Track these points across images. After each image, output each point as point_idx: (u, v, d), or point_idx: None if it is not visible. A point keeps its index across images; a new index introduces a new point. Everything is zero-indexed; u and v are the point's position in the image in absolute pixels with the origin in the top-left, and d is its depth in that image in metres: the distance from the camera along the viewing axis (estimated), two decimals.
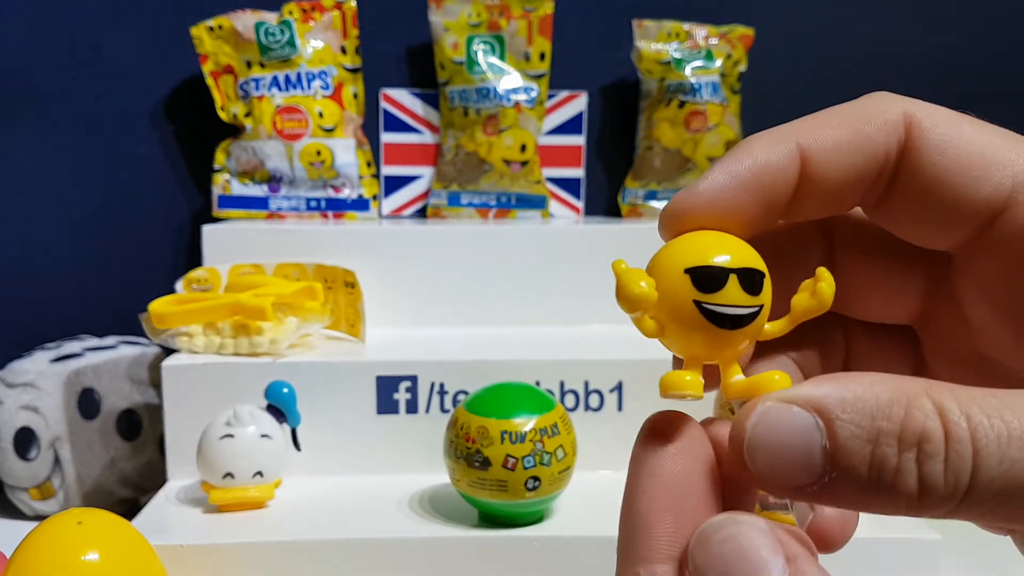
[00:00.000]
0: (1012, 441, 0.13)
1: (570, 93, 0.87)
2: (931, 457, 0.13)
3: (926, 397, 0.13)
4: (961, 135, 0.16)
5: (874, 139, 0.16)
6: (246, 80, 0.80)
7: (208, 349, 0.66)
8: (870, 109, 0.17)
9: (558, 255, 0.78)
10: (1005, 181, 0.16)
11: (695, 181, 0.17)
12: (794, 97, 0.91)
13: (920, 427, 0.13)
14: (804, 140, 0.17)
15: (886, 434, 0.13)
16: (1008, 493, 0.13)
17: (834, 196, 0.17)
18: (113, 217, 0.86)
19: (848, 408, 0.13)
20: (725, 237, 0.16)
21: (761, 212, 0.17)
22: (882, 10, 0.91)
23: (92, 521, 0.46)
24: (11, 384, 0.66)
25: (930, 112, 0.17)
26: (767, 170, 0.17)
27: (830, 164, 0.17)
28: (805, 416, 0.14)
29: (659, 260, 0.16)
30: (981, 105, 0.84)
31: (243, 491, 0.58)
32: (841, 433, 0.13)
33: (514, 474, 0.53)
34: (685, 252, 0.16)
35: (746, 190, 0.17)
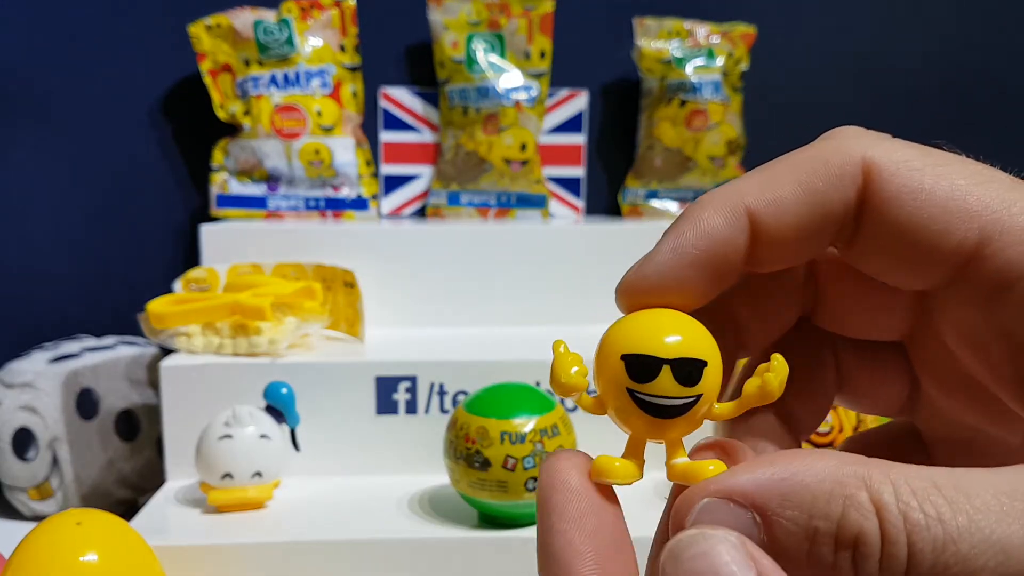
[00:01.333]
0: (947, 546, 0.13)
1: (570, 92, 0.87)
2: (867, 559, 0.13)
3: (865, 491, 0.13)
4: (923, 185, 0.15)
5: (829, 196, 0.16)
6: (244, 79, 0.80)
7: (207, 349, 0.65)
8: (824, 159, 0.16)
9: (558, 255, 0.78)
10: (971, 234, 0.15)
11: (645, 256, 0.17)
12: (795, 96, 0.91)
13: (856, 528, 0.13)
14: (753, 203, 0.16)
15: (823, 533, 0.13)
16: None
17: (791, 252, 0.17)
18: (111, 217, 0.86)
19: (785, 504, 0.13)
20: (672, 319, 0.16)
21: (711, 284, 0.16)
22: (883, 9, 0.91)
23: (91, 522, 0.45)
24: (9, 384, 0.66)
25: (891, 156, 0.16)
26: (714, 242, 0.16)
27: (782, 225, 0.16)
28: (742, 514, 0.14)
29: (604, 340, 0.16)
30: (981, 104, 0.84)
31: (242, 491, 0.57)
32: (778, 532, 0.13)
33: (514, 475, 0.53)
34: (624, 336, 0.16)
35: (694, 266, 0.16)
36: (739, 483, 0.14)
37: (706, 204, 0.16)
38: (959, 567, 0.13)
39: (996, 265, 0.15)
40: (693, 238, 0.16)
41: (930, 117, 0.92)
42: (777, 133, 0.91)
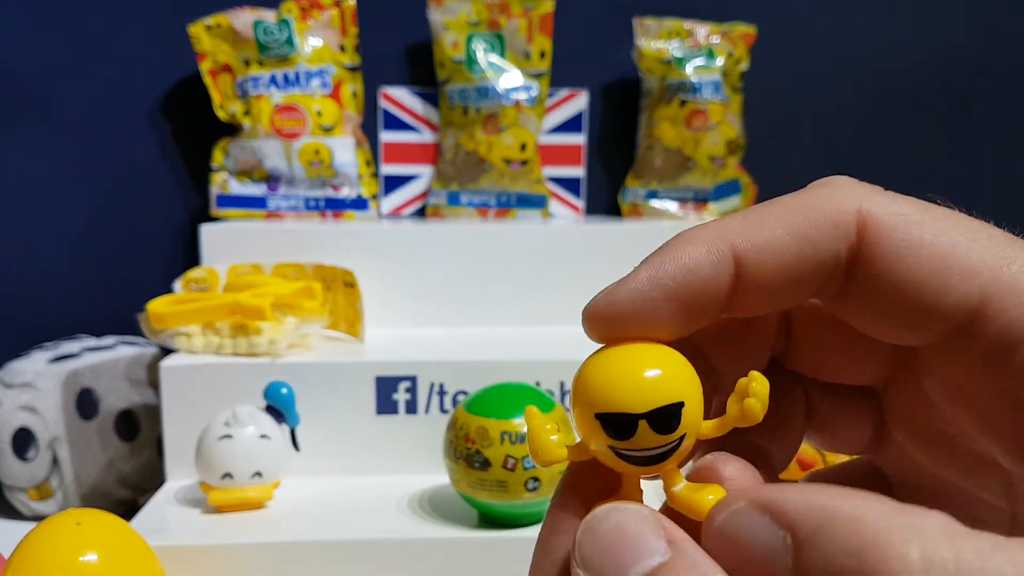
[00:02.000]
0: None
1: (570, 91, 0.87)
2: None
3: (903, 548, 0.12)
4: (923, 238, 0.15)
5: (821, 245, 0.15)
6: (244, 79, 0.80)
7: (207, 349, 0.65)
8: (818, 208, 0.15)
9: (558, 255, 0.78)
10: (972, 292, 0.15)
11: (618, 282, 0.16)
12: (796, 96, 0.91)
13: None
14: (739, 244, 0.15)
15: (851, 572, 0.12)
16: None
17: (775, 298, 0.16)
18: (111, 217, 0.85)
19: (820, 535, 0.12)
20: (642, 359, 0.15)
21: (686, 321, 0.16)
22: (883, 9, 0.91)
23: (90, 522, 0.45)
24: (9, 384, 0.66)
25: (887, 209, 0.15)
26: (695, 278, 0.15)
27: (769, 270, 0.15)
28: (776, 531, 0.13)
29: (577, 392, 0.16)
30: (980, 105, 0.84)
31: (242, 492, 0.57)
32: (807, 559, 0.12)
33: (514, 475, 0.53)
34: (597, 390, 0.15)
35: (670, 299, 0.15)
36: (781, 498, 0.13)
37: (690, 239, 0.16)
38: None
39: (997, 326, 0.15)
40: (673, 270, 0.15)
41: (930, 117, 0.92)
42: (777, 133, 0.91)
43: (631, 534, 0.13)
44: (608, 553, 0.13)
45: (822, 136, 0.92)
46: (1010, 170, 0.94)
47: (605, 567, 0.13)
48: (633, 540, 0.13)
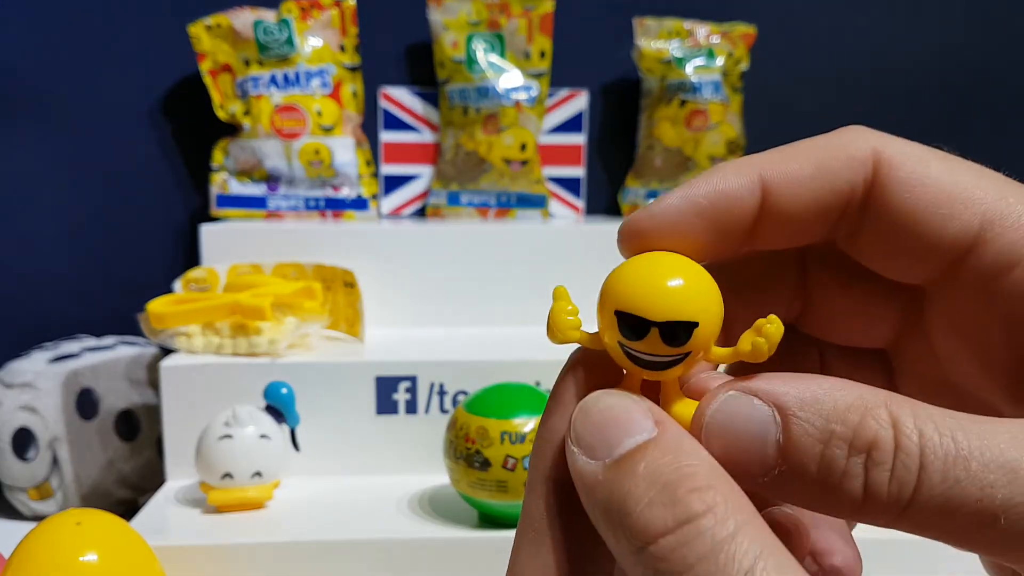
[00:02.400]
0: (958, 461, 0.13)
1: (570, 91, 0.87)
2: (878, 464, 0.14)
3: (884, 408, 0.14)
4: (929, 173, 0.16)
5: (839, 174, 0.17)
6: (244, 79, 0.80)
7: (207, 349, 0.65)
8: (838, 144, 0.17)
9: (558, 255, 0.78)
10: (973, 219, 0.16)
11: (653, 201, 0.17)
12: (796, 96, 0.91)
13: (872, 435, 0.14)
14: (767, 171, 0.17)
15: (838, 437, 0.14)
16: (948, 510, 0.13)
17: (797, 229, 0.17)
18: (111, 217, 0.86)
19: (806, 407, 0.14)
20: (670, 269, 0.16)
21: (716, 239, 0.17)
22: (883, 9, 0.91)
23: (91, 522, 0.45)
24: (9, 384, 0.66)
25: (899, 149, 0.17)
26: (725, 198, 0.17)
27: (792, 196, 0.17)
28: (764, 408, 0.14)
29: (605, 285, 0.16)
30: (980, 105, 0.83)
31: (242, 492, 0.57)
32: (795, 430, 0.14)
33: (514, 475, 0.53)
34: (621, 288, 0.16)
35: (701, 215, 0.17)
36: (765, 384, 0.15)
37: (723, 166, 0.17)
38: (968, 482, 0.13)
39: (996, 248, 0.16)
40: (705, 190, 0.17)
41: (929, 117, 0.92)
42: (777, 133, 0.91)
43: (621, 414, 0.15)
44: (599, 430, 0.15)
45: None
46: (1011, 171, 0.94)
47: (596, 443, 0.15)
48: (623, 419, 0.14)
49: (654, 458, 0.14)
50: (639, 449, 0.14)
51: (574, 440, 0.15)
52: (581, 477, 0.15)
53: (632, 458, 0.14)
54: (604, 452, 0.14)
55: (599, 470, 0.14)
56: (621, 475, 0.14)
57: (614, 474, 0.14)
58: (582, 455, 0.15)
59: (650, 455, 0.14)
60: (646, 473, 0.14)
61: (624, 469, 0.14)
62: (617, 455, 0.14)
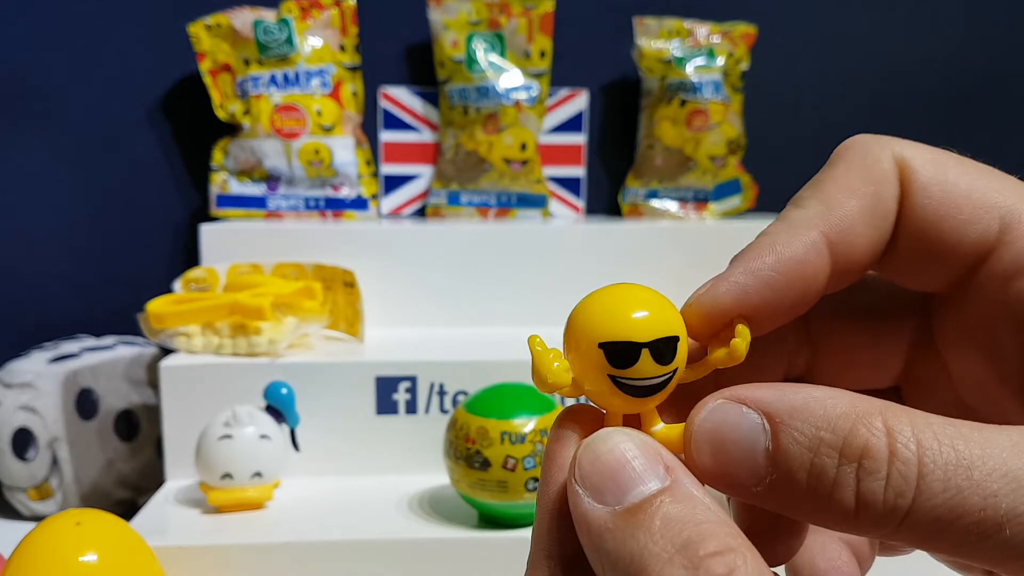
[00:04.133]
0: (959, 470, 0.13)
1: (571, 91, 0.87)
2: (871, 474, 0.13)
3: (878, 416, 0.13)
4: (947, 178, 0.16)
5: (886, 198, 0.16)
6: (244, 78, 0.80)
7: (206, 349, 0.65)
8: (869, 163, 0.16)
9: (558, 255, 0.78)
10: (992, 223, 0.16)
11: (711, 283, 0.16)
12: (796, 95, 0.91)
13: (863, 442, 0.13)
14: (828, 227, 0.16)
15: (827, 445, 0.13)
16: (949, 521, 0.13)
17: (865, 267, 0.17)
18: (111, 216, 0.85)
19: (796, 415, 0.14)
20: (637, 296, 0.16)
21: (791, 305, 0.16)
22: (884, 9, 0.91)
23: (90, 522, 0.45)
24: (9, 384, 0.66)
25: (916, 152, 0.16)
26: (795, 265, 0.16)
27: (858, 241, 0.16)
28: (752, 416, 0.14)
29: (576, 325, 0.16)
30: (980, 105, 0.83)
31: (242, 492, 0.57)
32: (784, 438, 0.14)
33: (514, 475, 0.53)
34: (599, 322, 0.16)
35: (770, 287, 0.16)
36: (753, 392, 0.14)
37: (772, 233, 0.16)
38: (971, 491, 0.13)
39: (1015, 251, 0.16)
40: (772, 261, 0.16)
41: (929, 117, 0.92)
42: (777, 133, 0.91)
43: (632, 457, 0.14)
44: (608, 473, 0.14)
45: (822, 136, 0.92)
46: (1012, 171, 0.94)
47: (604, 486, 0.14)
48: (633, 464, 0.14)
49: (670, 513, 0.13)
50: (653, 500, 0.13)
51: (579, 480, 0.14)
52: (587, 521, 0.14)
53: (646, 510, 0.13)
54: (613, 498, 0.14)
55: (608, 517, 0.14)
56: (635, 527, 0.13)
57: (626, 524, 0.13)
58: (588, 497, 0.14)
59: (666, 508, 0.13)
60: (663, 529, 0.13)
61: (639, 521, 0.13)
62: (629, 503, 0.14)
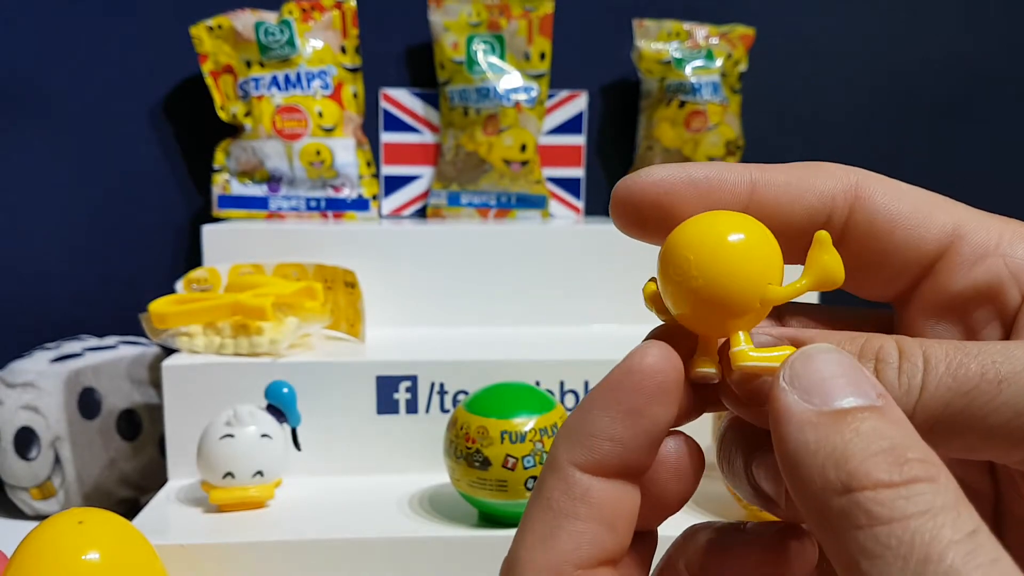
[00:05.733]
0: (959, 350, 0.15)
1: (570, 93, 0.87)
2: (886, 364, 0.16)
3: (886, 336, 0.16)
4: (902, 191, 0.18)
5: (823, 183, 0.18)
6: (246, 80, 0.80)
7: (208, 349, 0.66)
8: (819, 166, 0.18)
9: (558, 255, 0.78)
10: (947, 223, 0.17)
11: (648, 168, 0.18)
12: (795, 97, 0.91)
13: (877, 346, 0.16)
14: (758, 174, 0.18)
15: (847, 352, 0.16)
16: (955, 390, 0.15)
17: (781, 239, 0.18)
18: (113, 217, 0.86)
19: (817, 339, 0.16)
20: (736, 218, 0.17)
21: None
22: (882, 10, 0.91)
23: (92, 521, 0.46)
24: (11, 384, 0.66)
25: (874, 175, 0.18)
26: (720, 180, 0.18)
27: (779, 198, 0.18)
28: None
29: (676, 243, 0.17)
30: (980, 107, 0.83)
31: (243, 491, 0.58)
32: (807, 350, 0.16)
33: (514, 474, 0.53)
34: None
35: (696, 191, 0.17)
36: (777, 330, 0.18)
37: (713, 162, 0.18)
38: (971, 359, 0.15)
39: (974, 242, 0.17)
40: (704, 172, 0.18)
41: (929, 118, 0.93)
42: (776, 134, 0.91)
43: (850, 371, 0.15)
44: (824, 377, 0.15)
45: (821, 137, 0.92)
46: (1007, 172, 0.95)
47: (816, 388, 0.15)
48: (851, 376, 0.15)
49: (880, 424, 0.14)
50: (864, 409, 0.14)
51: (789, 379, 0.15)
52: (789, 414, 0.14)
53: (857, 415, 0.14)
54: (823, 400, 0.14)
55: (813, 413, 0.14)
56: (843, 425, 0.14)
57: (834, 421, 0.14)
58: (795, 393, 0.15)
59: (876, 419, 0.14)
60: (871, 431, 0.14)
61: (848, 421, 0.14)
62: (838, 407, 0.14)
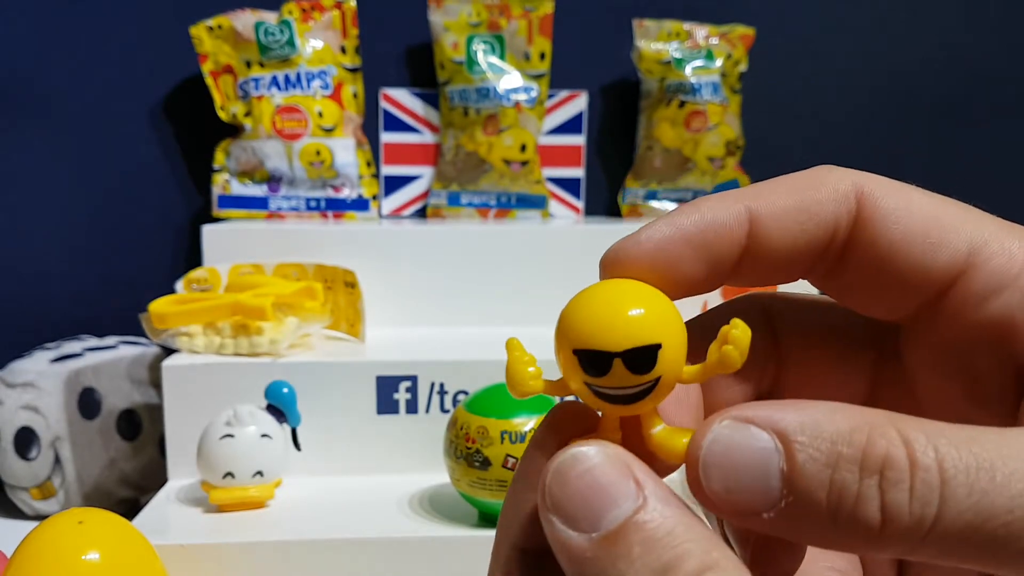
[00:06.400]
0: (981, 473, 0.12)
1: (570, 93, 0.87)
2: (895, 484, 0.13)
3: (891, 426, 0.13)
4: (912, 204, 0.16)
5: (824, 206, 0.16)
6: (246, 80, 0.80)
7: (208, 349, 0.66)
8: (820, 178, 0.17)
9: (558, 255, 0.78)
10: (961, 247, 0.16)
11: (638, 230, 0.16)
12: (794, 96, 0.91)
13: (883, 453, 0.13)
14: (754, 203, 0.16)
15: (847, 459, 0.13)
16: (976, 527, 0.12)
17: (783, 262, 0.17)
18: (113, 217, 0.86)
19: (807, 431, 0.13)
20: (625, 295, 0.15)
21: (704, 270, 0.16)
22: (882, 10, 0.91)
23: (93, 521, 0.46)
24: (11, 384, 0.66)
25: (879, 183, 0.16)
26: (714, 227, 0.16)
27: (779, 228, 0.16)
28: (763, 436, 0.13)
29: (559, 326, 0.16)
30: (980, 107, 0.83)
31: (243, 491, 0.58)
32: (799, 456, 0.13)
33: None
34: (576, 325, 0.15)
35: (690, 244, 0.16)
36: (760, 411, 0.14)
37: (708, 198, 0.17)
38: (996, 494, 0.12)
39: (985, 274, 0.15)
40: (694, 219, 0.16)
41: (928, 119, 0.93)
42: (776, 134, 0.91)
43: (601, 478, 0.14)
44: (580, 498, 0.14)
45: (821, 137, 0.92)
46: (1008, 173, 0.95)
47: (578, 513, 0.14)
48: (603, 484, 0.13)
49: (647, 535, 0.13)
50: (628, 524, 0.13)
51: (551, 507, 0.14)
52: (566, 550, 0.14)
53: (623, 537, 0.13)
54: (588, 524, 0.13)
55: (586, 545, 0.13)
56: (615, 556, 0.13)
57: (606, 552, 0.13)
58: (562, 524, 0.14)
59: (642, 531, 0.13)
60: (643, 555, 0.13)
61: (617, 549, 0.13)
62: (605, 530, 0.13)
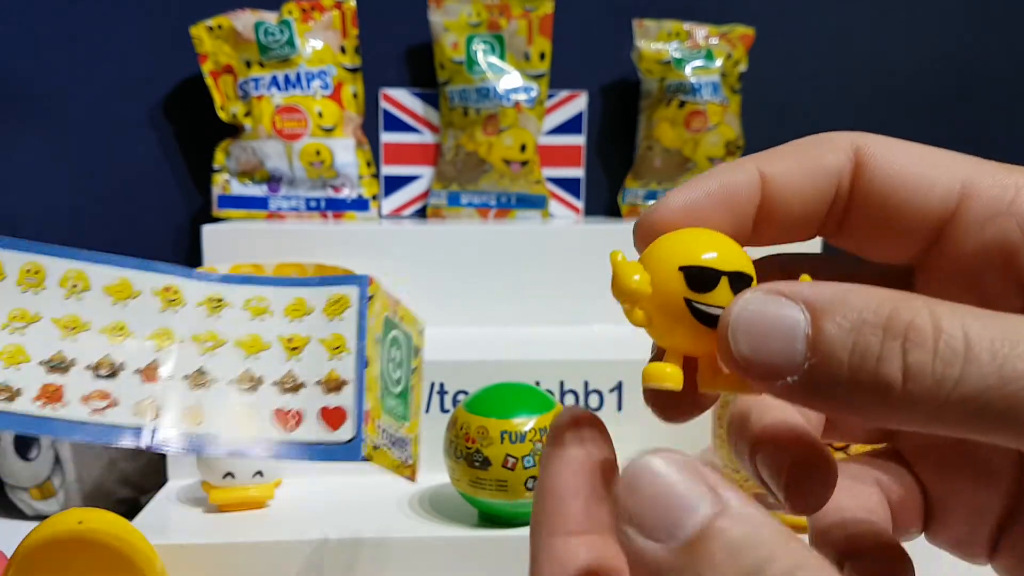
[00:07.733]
0: (1006, 342, 0.13)
1: (570, 93, 0.87)
2: (918, 346, 0.13)
3: (918, 300, 0.14)
4: (908, 150, 0.17)
5: (826, 158, 0.18)
6: (245, 80, 0.80)
7: None
8: (821, 138, 0.18)
9: (558, 255, 0.78)
10: (954, 182, 0.17)
11: (664, 196, 0.18)
12: (795, 96, 0.92)
13: (908, 319, 0.13)
14: (763, 166, 0.18)
15: (871, 324, 0.13)
16: (997, 389, 0.13)
17: (796, 217, 0.18)
18: (113, 217, 0.86)
19: (836, 303, 0.14)
20: (719, 236, 0.17)
21: (730, 229, 0.18)
22: (882, 9, 0.91)
23: (93, 521, 0.46)
24: None
25: (875, 137, 0.18)
26: (733, 188, 0.18)
27: (789, 184, 0.18)
28: (791, 304, 0.14)
29: (654, 254, 0.17)
30: (980, 107, 0.83)
31: (243, 491, 0.58)
32: (826, 323, 0.14)
33: (514, 474, 0.53)
34: (680, 249, 0.16)
35: (717, 204, 0.18)
36: (791, 286, 0.15)
37: (719, 166, 0.18)
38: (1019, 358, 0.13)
39: (981, 204, 0.17)
40: (714, 183, 0.18)
41: (928, 118, 0.93)
42: (776, 134, 0.91)
43: (674, 483, 0.14)
44: (656, 507, 0.14)
45: None
46: None
47: (655, 522, 0.13)
48: (679, 491, 0.14)
49: (731, 540, 0.13)
50: (709, 531, 0.13)
51: (626, 519, 0.14)
52: (644, 560, 0.14)
53: (706, 543, 0.13)
54: (667, 533, 0.13)
55: (666, 555, 0.13)
56: (698, 563, 0.13)
57: (689, 560, 0.13)
58: (639, 536, 0.14)
59: (724, 536, 0.13)
60: (728, 560, 0.13)
61: (700, 556, 0.13)
62: (684, 538, 0.13)
